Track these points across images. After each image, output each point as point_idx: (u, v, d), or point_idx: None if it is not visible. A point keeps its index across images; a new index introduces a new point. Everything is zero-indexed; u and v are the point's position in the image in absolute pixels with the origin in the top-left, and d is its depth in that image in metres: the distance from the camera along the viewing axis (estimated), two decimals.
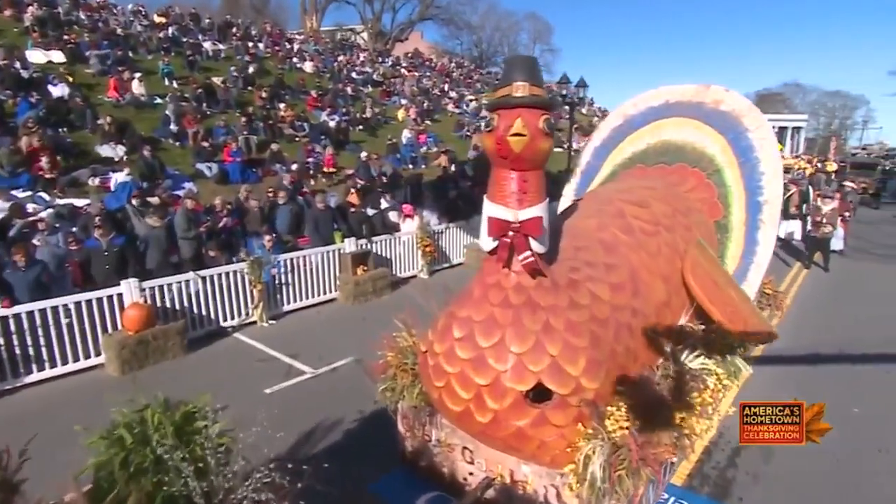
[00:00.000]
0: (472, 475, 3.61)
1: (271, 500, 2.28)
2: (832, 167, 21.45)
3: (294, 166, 11.94)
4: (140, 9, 19.91)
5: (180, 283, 6.94)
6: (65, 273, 6.61)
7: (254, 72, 17.30)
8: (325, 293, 8.76)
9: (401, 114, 19.37)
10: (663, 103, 5.33)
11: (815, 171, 19.90)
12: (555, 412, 2.93)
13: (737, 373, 4.02)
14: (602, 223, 3.84)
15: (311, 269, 8.57)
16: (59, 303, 5.87)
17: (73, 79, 12.40)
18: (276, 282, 8.09)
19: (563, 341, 2.92)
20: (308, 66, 20.90)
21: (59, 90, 11.56)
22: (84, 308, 6.03)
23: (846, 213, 11.89)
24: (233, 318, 7.52)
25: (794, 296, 8.82)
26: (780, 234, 10.80)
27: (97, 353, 6.14)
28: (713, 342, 3.78)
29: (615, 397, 3.05)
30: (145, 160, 10.13)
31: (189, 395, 2.64)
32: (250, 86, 16.31)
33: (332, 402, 5.23)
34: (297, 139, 14.17)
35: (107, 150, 10.49)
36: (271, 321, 7.84)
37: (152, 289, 6.59)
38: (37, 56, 12.86)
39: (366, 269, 8.93)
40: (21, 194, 8.16)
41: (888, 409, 5.25)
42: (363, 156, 13.48)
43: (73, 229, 7.56)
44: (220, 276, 7.35)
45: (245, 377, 5.96)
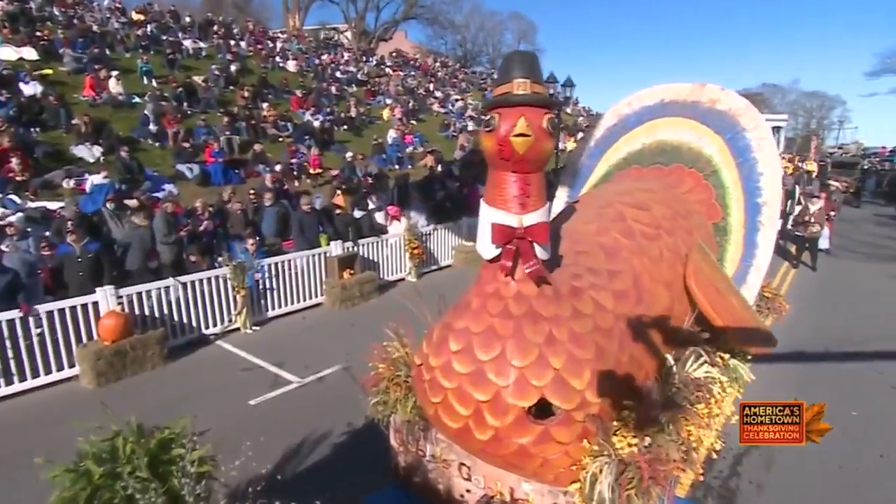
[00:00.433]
0: (469, 492, 3.42)
1: None
2: (812, 167, 21.67)
3: (278, 167, 11.69)
4: (117, 6, 19.41)
5: (160, 289, 6.65)
6: (36, 280, 6.27)
7: (236, 71, 16.97)
8: (310, 298, 8.52)
9: (386, 113, 19.16)
10: (658, 102, 5.19)
11: (795, 170, 20.04)
12: (559, 429, 2.76)
13: (739, 379, 3.93)
14: (602, 227, 3.68)
15: (296, 274, 8.33)
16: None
17: (47, 75, 12.00)
18: (260, 287, 7.83)
19: (567, 353, 2.76)
20: (291, 66, 20.59)
21: (31, 88, 11.17)
22: (57, 317, 5.73)
23: (832, 213, 11.95)
24: (215, 325, 7.26)
25: (786, 295, 8.79)
26: None
27: (71, 365, 5.84)
28: (717, 348, 3.66)
29: (621, 411, 2.90)
30: (123, 161, 9.81)
31: (170, 408, 2.44)
32: (232, 85, 15.99)
33: (319, 414, 5.02)
34: (280, 139, 13.92)
35: (82, 150, 10.14)
36: (255, 327, 7.58)
37: (130, 296, 6.30)
38: (7, 53, 12.44)
39: (352, 272, 8.71)
40: None
41: (885, 411, 5.24)
42: (349, 156, 13.26)
43: (46, 234, 7.23)
44: (201, 281, 7.08)
45: (229, 388, 5.72)
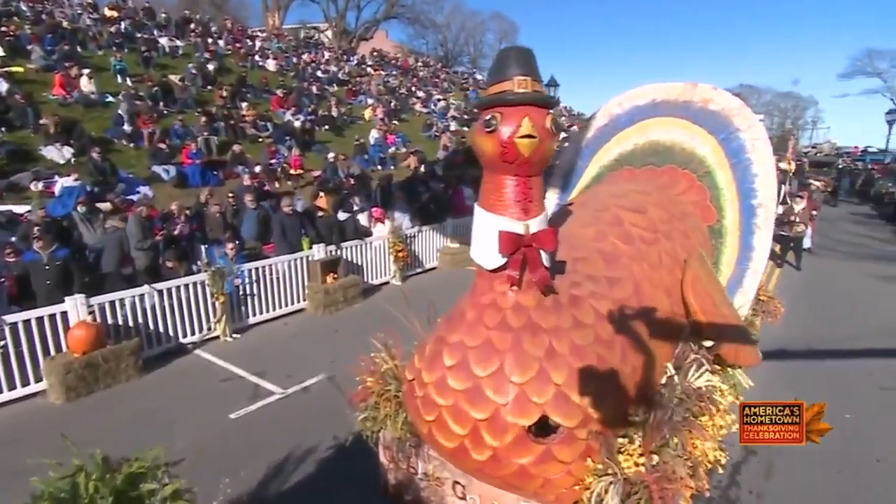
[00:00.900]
0: None
1: None
2: (790, 166, 21.94)
3: (258, 168, 11.38)
4: (88, 2, 18.78)
5: (134, 297, 6.35)
6: (0, 289, 5.95)
7: (214, 70, 16.55)
8: (292, 303, 8.26)
9: (367, 113, 18.90)
10: (649, 102, 5.08)
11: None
12: (561, 447, 2.61)
13: (737, 386, 3.83)
14: (600, 231, 3.54)
15: (278, 279, 8.07)
16: None
17: (15, 73, 11.52)
18: (240, 293, 7.56)
19: (569, 367, 2.61)
20: (271, 65, 20.20)
21: None
22: (22, 329, 5.40)
23: (814, 212, 12.06)
24: (193, 333, 6.97)
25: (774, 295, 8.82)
26: None
27: (38, 380, 5.52)
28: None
29: (625, 427, 2.76)
30: (95, 163, 9.42)
31: (145, 423, 2.22)
32: (210, 84, 15.59)
33: (304, 428, 4.80)
34: (260, 140, 13.60)
35: (52, 151, 9.74)
36: (235, 335, 7.31)
37: (102, 305, 5.99)
38: None
39: (336, 276, 8.47)
40: None
41: (876, 413, 5.19)
42: (331, 157, 13.00)
43: (12, 239, 6.88)
44: (178, 288, 6.78)
45: (208, 400, 5.46)
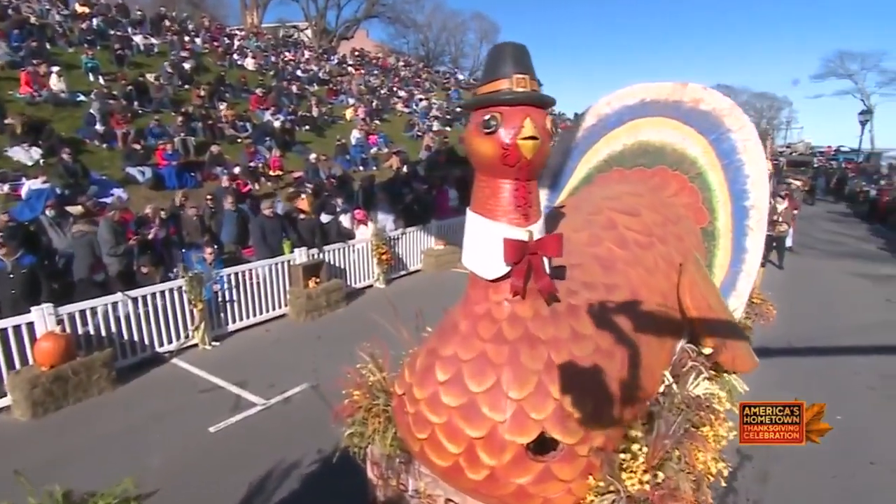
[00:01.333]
0: None
1: None
2: (768, 165, 22.24)
3: (237, 169, 11.09)
4: None
5: (106, 305, 6.07)
6: None
7: (191, 68, 16.12)
8: (273, 309, 8.03)
9: (349, 113, 18.64)
10: (639, 102, 4.97)
11: None
12: (561, 465, 2.47)
13: (732, 391, 3.76)
14: (594, 236, 3.41)
15: (258, 283, 7.83)
16: None
17: None
18: (220, 299, 7.31)
19: (569, 381, 2.48)
20: (250, 63, 19.80)
21: None
22: None
23: (795, 211, 12.20)
24: (170, 342, 6.70)
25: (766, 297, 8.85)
26: None
27: (1, 395, 5.23)
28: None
29: (626, 441, 2.64)
30: (65, 164, 9.06)
31: (118, 440, 2.05)
32: (187, 83, 15.17)
33: (287, 441, 4.62)
34: (239, 140, 13.27)
35: (18, 152, 9.33)
36: (215, 343, 7.06)
37: (72, 314, 5.71)
38: None
39: (318, 280, 8.26)
40: None
41: (867, 414, 5.20)
42: (312, 158, 12.75)
43: None
44: (154, 295, 6.52)
45: (186, 413, 5.24)
